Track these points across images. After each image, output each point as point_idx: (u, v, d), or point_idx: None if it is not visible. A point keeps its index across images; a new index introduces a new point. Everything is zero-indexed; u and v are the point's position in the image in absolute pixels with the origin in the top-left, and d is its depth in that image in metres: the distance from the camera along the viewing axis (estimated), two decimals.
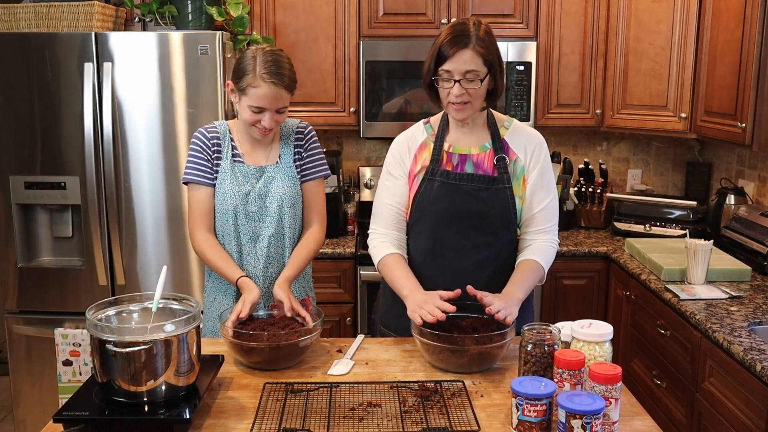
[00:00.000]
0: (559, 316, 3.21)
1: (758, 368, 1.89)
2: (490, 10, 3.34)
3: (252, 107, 1.96)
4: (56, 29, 2.92)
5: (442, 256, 1.97)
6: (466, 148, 1.97)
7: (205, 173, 2.06)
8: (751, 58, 2.62)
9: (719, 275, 2.65)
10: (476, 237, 1.95)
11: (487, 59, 1.84)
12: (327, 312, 2.29)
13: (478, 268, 1.96)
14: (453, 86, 1.85)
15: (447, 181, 1.94)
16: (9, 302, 3.04)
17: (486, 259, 1.96)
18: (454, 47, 1.82)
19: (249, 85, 1.94)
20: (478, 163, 1.95)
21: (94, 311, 1.53)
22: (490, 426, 1.51)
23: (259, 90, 1.93)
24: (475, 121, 1.97)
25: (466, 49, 1.82)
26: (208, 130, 2.09)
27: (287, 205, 2.08)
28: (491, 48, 1.85)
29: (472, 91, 1.85)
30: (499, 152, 1.95)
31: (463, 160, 1.96)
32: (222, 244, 2.09)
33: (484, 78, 1.84)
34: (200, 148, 2.06)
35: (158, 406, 1.47)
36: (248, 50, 1.99)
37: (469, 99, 1.86)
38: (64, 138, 2.91)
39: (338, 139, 3.81)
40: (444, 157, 1.97)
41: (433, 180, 1.95)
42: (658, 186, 3.85)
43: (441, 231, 1.96)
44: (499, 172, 1.94)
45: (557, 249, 2.01)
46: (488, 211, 1.93)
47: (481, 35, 1.83)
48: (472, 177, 1.94)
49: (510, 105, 3.34)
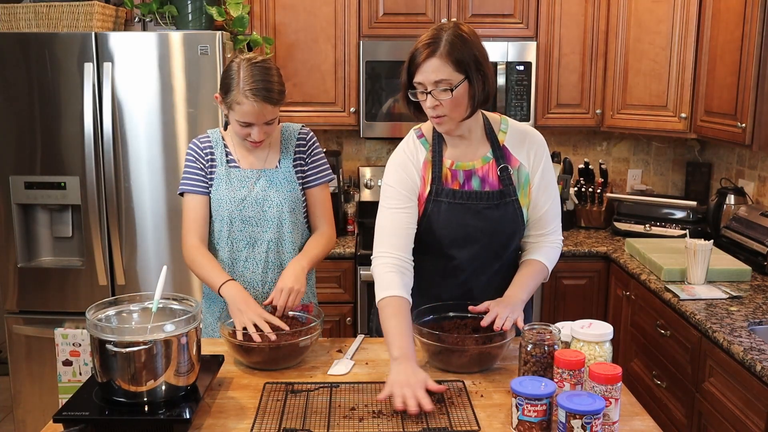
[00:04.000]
0: (559, 316, 3.21)
1: (758, 368, 1.89)
2: (490, 10, 3.34)
3: (239, 122, 1.94)
4: (56, 29, 2.92)
5: (453, 275, 1.93)
6: (470, 163, 1.87)
7: (199, 182, 2.05)
8: (751, 58, 2.62)
9: (719, 275, 2.65)
10: (486, 254, 1.90)
11: (460, 65, 1.70)
12: (327, 312, 2.30)
13: (488, 282, 1.93)
14: (426, 98, 1.73)
15: (454, 201, 1.85)
16: (9, 302, 3.04)
17: (494, 274, 1.94)
18: (421, 56, 1.70)
19: (234, 101, 1.90)
20: (484, 177, 1.86)
21: (94, 311, 1.54)
22: (490, 426, 1.51)
23: (244, 107, 1.89)
24: (472, 131, 1.86)
25: (432, 58, 1.69)
26: (201, 141, 2.08)
27: (287, 211, 2.06)
28: (465, 52, 1.70)
29: (446, 102, 1.72)
30: (501, 161, 1.86)
31: (468, 176, 1.86)
32: (218, 249, 2.08)
33: (458, 86, 1.71)
34: (194, 158, 2.06)
35: (158, 406, 1.47)
36: (233, 62, 1.93)
37: (445, 112, 1.74)
38: (64, 138, 2.91)
39: (338, 139, 3.81)
40: (449, 175, 1.86)
41: (439, 201, 1.85)
42: (658, 186, 3.85)
43: (451, 252, 1.90)
44: (504, 184, 1.86)
45: (561, 249, 1.99)
46: (498, 228, 1.87)
47: (452, 40, 1.69)
48: (480, 195, 1.85)
49: (510, 105, 3.34)
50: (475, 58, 1.72)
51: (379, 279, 1.80)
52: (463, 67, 1.71)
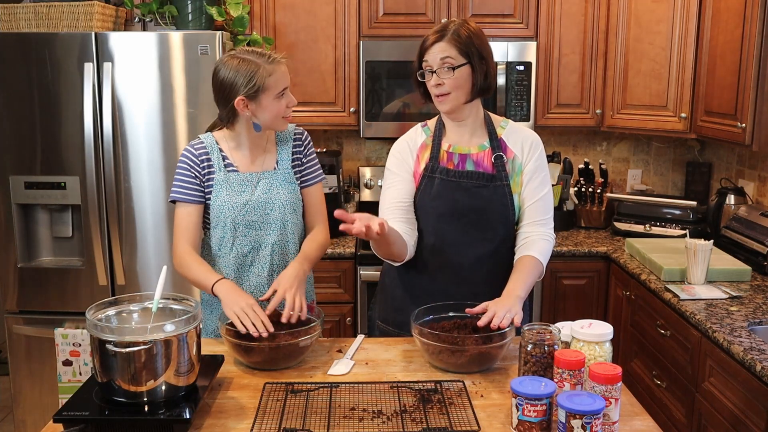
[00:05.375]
0: (559, 316, 3.21)
1: (758, 368, 1.89)
2: (490, 10, 3.34)
3: (276, 95, 1.95)
4: (56, 29, 2.92)
5: (442, 252, 2.00)
6: (466, 147, 2.01)
7: (191, 191, 2.01)
8: (751, 58, 2.62)
9: (719, 275, 2.65)
10: (475, 233, 1.98)
11: (463, 50, 1.90)
12: (327, 312, 2.30)
13: (477, 264, 1.99)
14: (431, 77, 1.93)
15: (447, 178, 1.98)
16: (9, 302, 3.04)
17: (484, 255, 1.99)
18: (430, 40, 1.92)
19: (264, 77, 1.92)
20: (478, 162, 1.99)
21: (94, 311, 1.54)
22: (490, 426, 1.51)
23: (277, 74, 1.94)
24: (472, 119, 2.01)
25: (441, 41, 1.91)
26: (195, 147, 2.03)
27: (290, 212, 2.06)
28: (469, 41, 1.90)
29: (448, 81, 1.91)
30: (497, 151, 1.99)
31: (463, 159, 2.00)
32: (222, 257, 2.05)
33: (460, 66, 1.89)
34: (188, 166, 2.01)
35: (158, 406, 1.47)
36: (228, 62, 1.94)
37: (448, 90, 1.92)
38: (64, 138, 2.91)
39: (338, 139, 3.81)
40: (444, 156, 2.01)
41: (433, 177, 1.99)
42: (658, 186, 3.85)
43: (441, 227, 1.98)
44: (498, 169, 1.98)
45: (554, 243, 2.03)
46: (487, 207, 1.97)
47: (459, 31, 1.90)
48: (471, 174, 1.98)
49: (510, 105, 3.34)
50: (479, 48, 1.92)
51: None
52: (466, 53, 1.91)
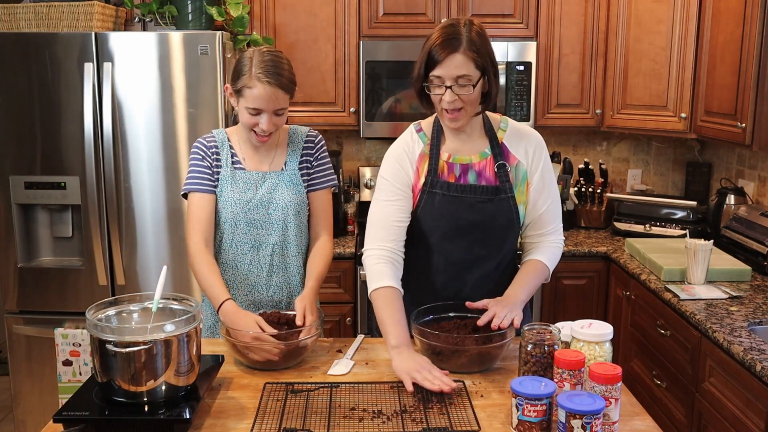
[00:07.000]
0: (559, 316, 3.21)
1: (758, 368, 1.89)
2: (490, 10, 3.34)
3: (249, 109, 1.91)
4: (56, 29, 2.92)
5: (445, 270, 1.93)
6: (467, 157, 1.89)
7: (205, 180, 2.01)
8: (751, 58, 2.62)
9: (719, 275, 2.65)
10: (479, 250, 1.91)
11: (479, 63, 1.74)
12: (327, 312, 2.30)
13: (481, 280, 1.93)
14: (445, 92, 1.76)
15: (448, 193, 1.87)
16: (9, 302, 3.04)
17: (489, 270, 1.93)
18: (444, 51, 1.73)
19: (245, 86, 1.89)
20: (481, 172, 1.88)
21: (94, 311, 1.53)
22: (490, 426, 1.51)
23: (255, 90, 1.88)
24: (472, 127, 1.89)
25: (456, 53, 1.72)
26: (206, 139, 2.05)
27: (292, 213, 2.04)
28: (483, 50, 1.75)
29: (464, 96, 1.76)
30: (499, 158, 1.88)
31: (465, 170, 1.88)
32: (222, 251, 2.05)
33: (477, 82, 1.76)
34: (201, 156, 2.02)
35: (158, 406, 1.47)
36: (246, 52, 1.95)
37: (462, 105, 1.77)
38: (64, 138, 2.91)
39: (338, 139, 3.81)
40: (444, 168, 1.88)
41: (434, 193, 1.87)
42: (658, 186, 3.85)
43: (444, 246, 1.90)
44: (501, 180, 1.87)
45: (563, 247, 1.98)
46: (492, 222, 1.88)
47: (472, 37, 1.74)
48: (475, 189, 1.86)
49: (510, 105, 3.34)
50: (491, 56, 1.79)
51: (369, 271, 1.85)
52: (482, 66, 1.76)
